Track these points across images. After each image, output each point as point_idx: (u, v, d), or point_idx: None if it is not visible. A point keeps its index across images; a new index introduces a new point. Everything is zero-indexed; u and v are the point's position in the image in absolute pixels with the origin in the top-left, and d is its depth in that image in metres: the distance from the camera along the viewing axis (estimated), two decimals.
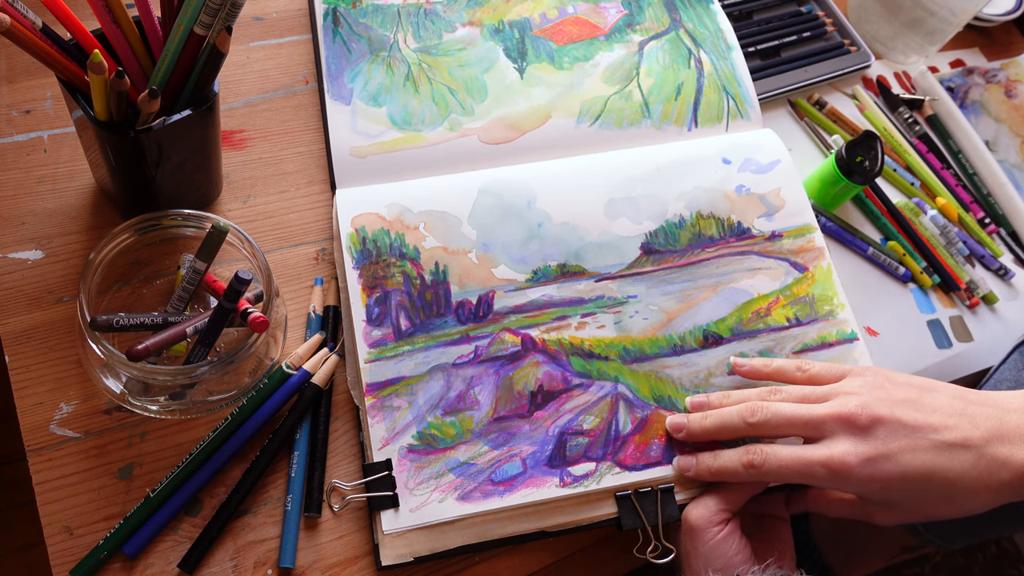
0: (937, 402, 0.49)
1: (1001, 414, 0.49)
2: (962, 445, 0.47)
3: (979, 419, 0.48)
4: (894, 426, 0.48)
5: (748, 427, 0.51)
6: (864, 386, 0.51)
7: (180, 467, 0.51)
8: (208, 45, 0.50)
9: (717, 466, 0.52)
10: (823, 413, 0.50)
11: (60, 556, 0.49)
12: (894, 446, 0.48)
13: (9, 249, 0.57)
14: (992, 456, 0.47)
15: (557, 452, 0.54)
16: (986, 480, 0.47)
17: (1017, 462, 0.47)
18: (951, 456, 0.47)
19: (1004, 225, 0.76)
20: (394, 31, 0.68)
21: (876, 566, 0.80)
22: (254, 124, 0.65)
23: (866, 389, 0.50)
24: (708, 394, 0.56)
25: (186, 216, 0.54)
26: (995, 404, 0.50)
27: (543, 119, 0.66)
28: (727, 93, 0.70)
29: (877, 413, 0.49)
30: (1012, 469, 0.47)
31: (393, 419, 0.53)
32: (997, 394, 0.51)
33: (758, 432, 0.51)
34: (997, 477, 0.47)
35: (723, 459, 0.52)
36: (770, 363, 0.56)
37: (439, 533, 0.51)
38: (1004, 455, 0.47)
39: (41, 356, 0.54)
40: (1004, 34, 0.90)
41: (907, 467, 0.47)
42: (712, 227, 0.63)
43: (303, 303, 0.59)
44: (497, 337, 0.56)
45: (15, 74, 0.63)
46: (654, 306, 0.59)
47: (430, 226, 0.59)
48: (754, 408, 0.51)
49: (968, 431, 0.48)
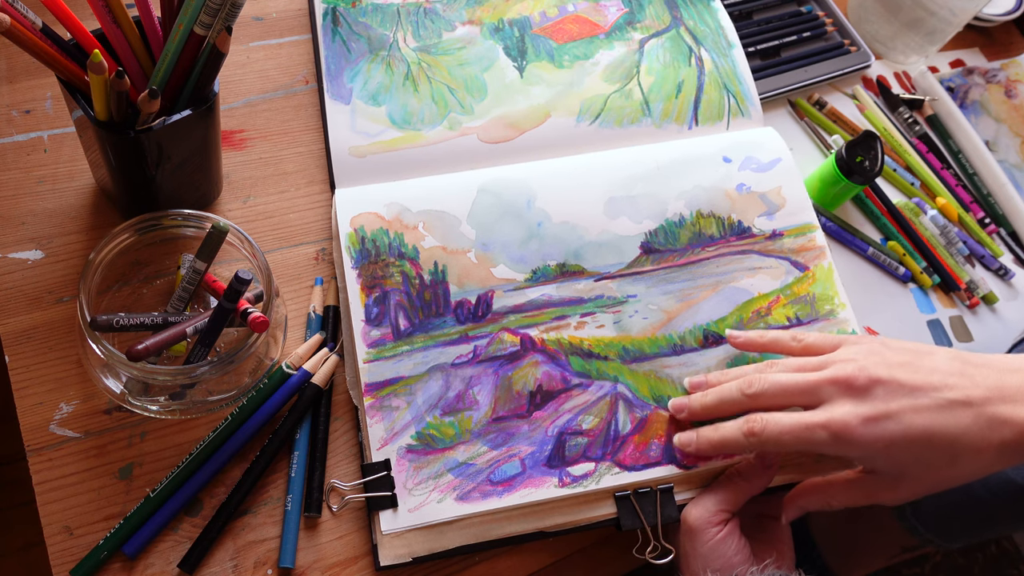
0: (935, 363, 0.49)
1: (1001, 374, 0.48)
2: (962, 403, 0.47)
3: (979, 378, 0.48)
4: (893, 387, 0.48)
5: (747, 399, 0.51)
6: (860, 352, 0.51)
7: (180, 467, 0.51)
8: (208, 45, 0.50)
9: (718, 438, 0.52)
10: (820, 378, 0.49)
11: (60, 556, 0.49)
12: (894, 406, 0.47)
13: (9, 249, 0.57)
14: (993, 414, 0.47)
15: (556, 452, 0.54)
16: (988, 438, 0.46)
17: (1019, 420, 0.46)
18: (951, 414, 0.47)
19: (1004, 225, 0.76)
20: (393, 30, 0.68)
21: (876, 566, 0.80)
22: (254, 124, 0.65)
23: (862, 355, 0.50)
24: (706, 374, 0.56)
25: (186, 216, 0.54)
26: (994, 365, 0.49)
27: (543, 118, 0.66)
28: (728, 91, 0.70)
29: (875, 375, 0.48)
30: (1014, 427, 0.46)
31: (392, 419, 0.53)
32: (996, 356, 0.50)
33: (757, 404, 0.51)
34: (999, 435, 0.46)
35: (724, 430, 0.52)
36: (765, 334, 0.56)
37: (438, 533, 0.52)
38: (1005, 414, 0.47)
39: (41, 356, 0.54)
40: (1004, 34, 0.90)
41: (908, 426, 0.47)
42: (712, 226, 0.63)
43: (303, 303, 0.59)
44: (496, 337, 0.56)
45: (15, 74, 0.64)
46: (654, 305, 0.59)
47: (429, 226, 0.59)
48: (751, 380, 0.51)
49: (968, 389, 0.47)
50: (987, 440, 0.47)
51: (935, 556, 1.12)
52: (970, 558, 1.14)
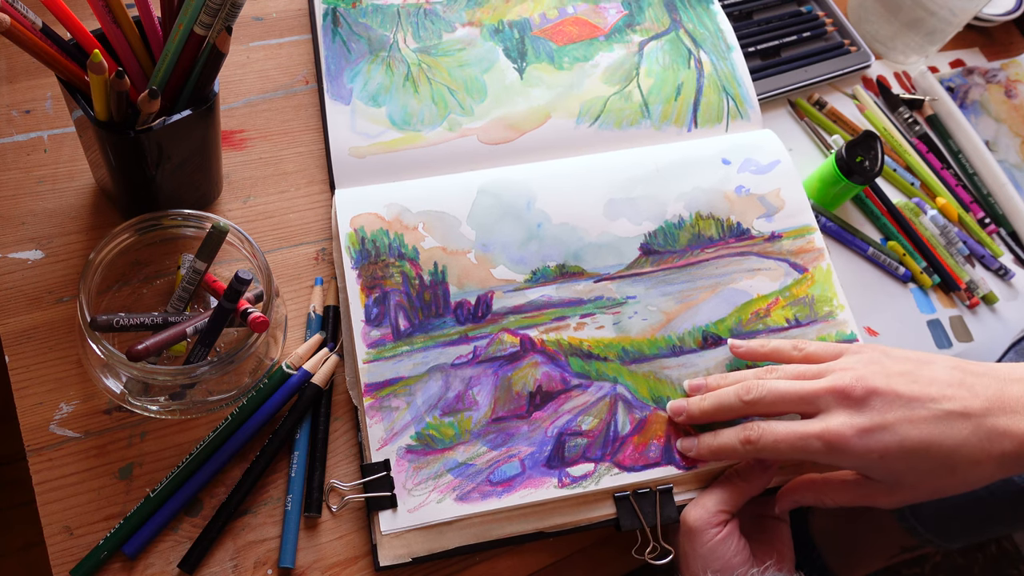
0: (935, 373, 0.49)
1: (1002, 385, 0.48)
2: (960, 414, 0.47)
3: (978, 389, 0.48)
4: (890, 397, 0.48)
5: (745, 405, 0.51)
6: (860, 361, 0.50)
7: (180, 467, 0.51)
8: (208, 45, 0.50)
9: (717, 444, 0.52)
10: (818, 387, 0.49)
11: (60, 556, 0.50)
12: (891, 417, 0.47)
13: (9, 249, 0.57)
14: (992, 426, 0.46)
15: (556, 453, 0.54)
16: (987, 449, 0.46)
17: (1019, 432, 0.46)
18: (949, 426, 0.46)
19: (1004, 225, 0.76)
20: (394, 31, 0.68)
21: (876, 566, 0.80)
22: (254, 124, 0.65)
23: (861, 364, 0.50)
24: (706, 377, 0.56)
25: (186, 216, 0.54)
26: (995, 375, 0.49)
27: (543, 119, 0.66)
28: (727, 93, 0.70)
29: (873, 385, 0.48)
30: (1014, 439, 0.46)
31: (391, 419, 0.53)
32: (997, 365, 0.50)
33: (754, 410, 0.51)
34: (999, 447, 0.46)
35: (722, 437, 0.52)
36: (767, 343, 0.56)
37: (437, 534, 0.52)
38: (1005, 425, 0.46)
39: (41, 356, 0.54)
40: (1004, 34, 0.90)
41: (904, 438, 0.47)
42: (711, 228, 0.63)
43: (303, 303, 0.59)
44: (496, 337, 0.56)
45: (15, 74, 0.64)
46: (653, 307, 0.59)
47: (429, 226, 0.59)
48: (749, 387, 0.51)
49: (967, 401, 0.47)
50: (986, 452, 0.46)
51: (935, 556, 1.12)
52: (970, 558, 1.14)
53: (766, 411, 0.51)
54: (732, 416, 0.53)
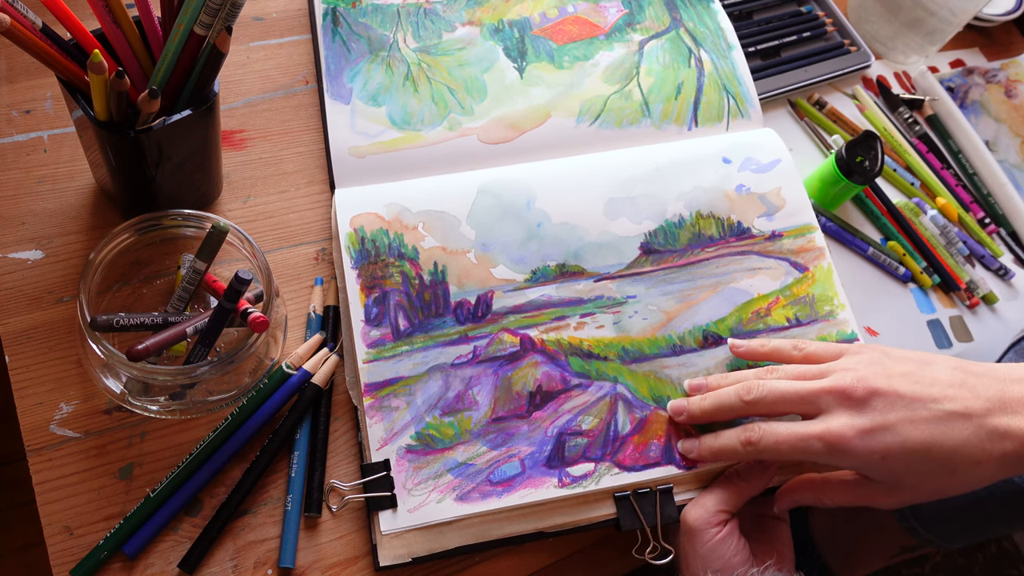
0: (936, 374, 0.49)
1: (1003, 385, 0.48)
2: (961, 415, 0.47)
3: (980, 389, 0.48)
4: (891, 398, 0.48)
5: (745, 405, 0.51)
6: (861, 362, 0.50)
7: (180, 467, 0.51)
8: (208, 45, 0.50)
9: (718, 445, 0.52)
10: (819, 388, 0.49)
11: (60, 556, 0.49)
12: (892, 418, 0.47)
13: (9, 249, 0.57)
14: (993, 426, 0.46)
15: (556, 452, 0.54)
16: (988, 450, 0.46)
17: (1019, 432, 0.46)
18: (950, 426, 0.46)
19: (1004, 225, 0.76)
20: (394, 31, 0.68)
21: (876, 566, 0.80)
22: (254, 124, 0.65)
23: (863, 364, 0.50)
24: (706, 376, 0.56)
25: (186, 216, 0.54)
26: (997, 375, 0.49)
27: (543, 119, 0.66)
28: (727, 92, 0.70)
29: (874, 386, 0.48)
30: (1015, 439, 0.46)
31: (391, 419, 0.53)
32: (998, 366, 0.50)
33: (755, 410, 0.51)
34: (1000, 447, 0.46)
35: (723, 438, 0.52)
36: (767, 343, 0.56)
37: (437, 533, 0.52)
38: (1005, 425, 0.46)
39: (41, 356, 0.54)
40: (1004, 34, 0.90)
41: (905, 438, 0.47)
42: (712, 227, 0.63)
43: (303, 303, 0.59)
44: (496, 337, 0.56)
45: (15, 74, 0.64)
46: (653, 306, 0.59)
47: (429, 226, 0.59)
48: (750, 387, 0.51)
49: (968, 401, 0.47)
50: (987, 452, 0.46)
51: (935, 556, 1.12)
52: (970, 558, 1.14)
53: (766, 411, 0.51)
54: (732, 416, 0.53)
